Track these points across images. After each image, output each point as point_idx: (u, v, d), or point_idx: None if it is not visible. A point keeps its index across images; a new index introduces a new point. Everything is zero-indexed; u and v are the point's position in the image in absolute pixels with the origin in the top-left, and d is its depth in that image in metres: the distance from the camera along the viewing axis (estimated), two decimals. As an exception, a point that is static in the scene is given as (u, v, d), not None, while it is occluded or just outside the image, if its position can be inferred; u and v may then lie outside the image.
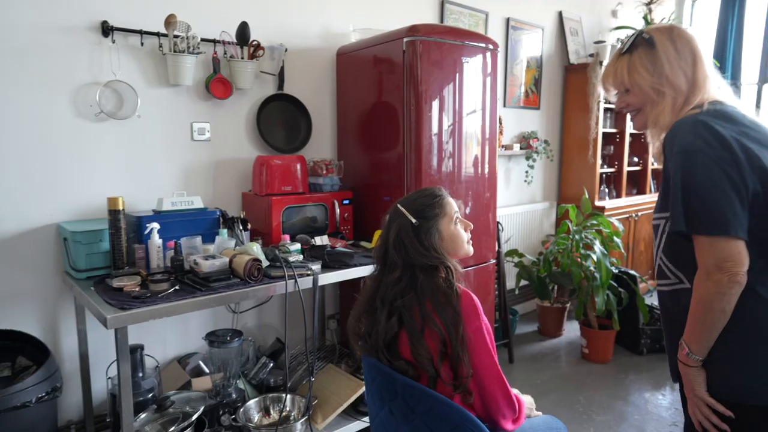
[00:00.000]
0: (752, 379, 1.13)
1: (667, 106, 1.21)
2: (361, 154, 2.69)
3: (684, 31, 1.25)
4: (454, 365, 1.24)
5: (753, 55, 5.11)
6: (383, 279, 1.37)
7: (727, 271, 1.07)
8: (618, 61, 1.28)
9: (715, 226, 1.07)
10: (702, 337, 1.14)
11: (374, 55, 2.54)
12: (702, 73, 1.21)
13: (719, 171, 1.07)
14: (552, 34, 4.05)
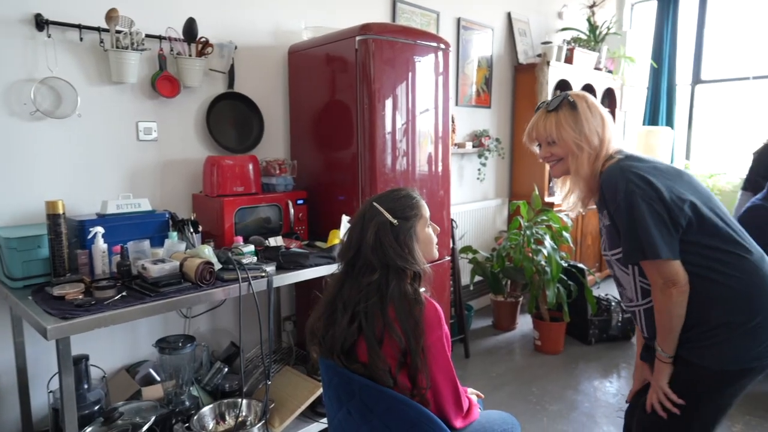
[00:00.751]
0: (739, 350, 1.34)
1: (585, 158, 1.44)
2: (315, 154, 2.66)
3: (594, 100, 1.51)
4: (412, 375, 1.25)
5: (687, 57, 5.40)
6: (348, 280, 1.33)
7: (674, 285, 1.32)
8: (547, 118, 1.48)
9: (656, 252, 1.30)
10: (669, 338, 1.38)
11: (327, 54, 2.52)
12: (608, 133, 1.46)
13: (650, 207, 1.31)
14: (501, 34, 4.15)
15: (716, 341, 1.34)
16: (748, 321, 1.32)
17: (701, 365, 1.36)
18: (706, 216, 1.33)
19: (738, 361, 1.34)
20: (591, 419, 2.57)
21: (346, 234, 1.40)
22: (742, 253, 1.34)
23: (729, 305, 1.33)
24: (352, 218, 1.41)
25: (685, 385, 1.39)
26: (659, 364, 1.42)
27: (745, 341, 1.32)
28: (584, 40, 4.63)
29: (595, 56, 4.56)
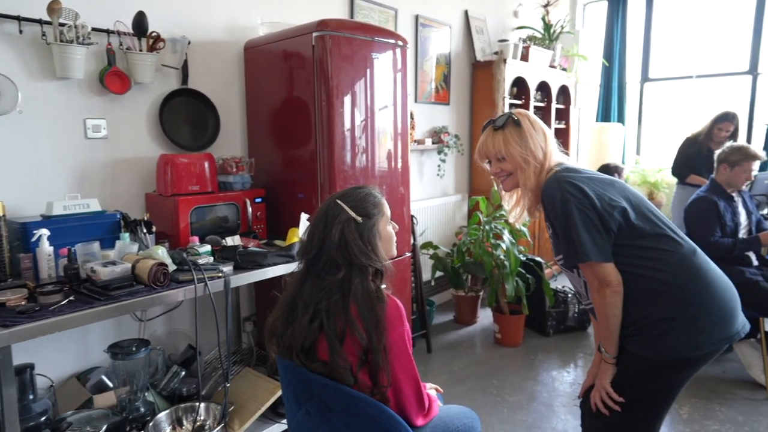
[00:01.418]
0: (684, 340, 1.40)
1: (531, 171, 1.52)
2: (274, 151, 2.62)
3: (535, 116, 1.59)
4: (373, 373, 1.24)
5: (636, 56, 5.60)
6: (309, 278, 1.32)
7: (607, 286, 1.41)
8: (495, 136, 1.56)
9: (587, 256, 1.39)
10: (609, 338, 1.46)
11: (284, 50, 2.48)
12: (550, 147, 1.55)
13: (582, 213, 1.39)
14: (459, 32, 4.19)
15: (656, 334, 1.40)
16: (683, 313, 1.38)
17: (644, 358, 1.42)
18: (635, 219, 1.42)
19: (678, 351, 1.40)
20: (549, 408, 2.64)
21: (307, 232, 1.39)
22: (672, 248, 1.42)
23: (664, 300, 1.40)
24: (314, 216, 1.39)
25: (630, 376, 1.46)
26: (603, 365, 1.50)
27: (683, 332, 1.38)
28: (539, 38, 4.73)
29: (550, 54, 4.67)
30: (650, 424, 1.50)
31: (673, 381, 1.46)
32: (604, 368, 1.50)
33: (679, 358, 1.41)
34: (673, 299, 1.39)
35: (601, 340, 1.50)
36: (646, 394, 1.46)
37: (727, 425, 2.45)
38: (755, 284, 2.76)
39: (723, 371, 2.99)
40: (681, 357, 1.41)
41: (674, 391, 1.49)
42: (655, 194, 5.21)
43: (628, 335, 1.45)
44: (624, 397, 1.46)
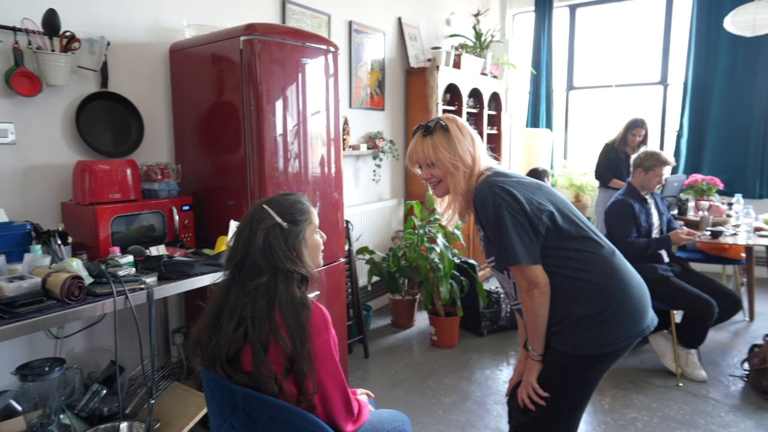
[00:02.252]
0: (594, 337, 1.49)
1: (461, 176, 1.54)
2: (202, 157, 2.55)
3: (463, 121, 1.62)
4: (298, 381, 1.23)
5: (562, 65, 5.89)
6: (234, 285, 1.29)
7: (535, 287, 1.47)
8: (424, 142, 1.58)
9: (517, 259, 1.44)
10: (537, 337, 1.53)
11: (212, 53, 2.42)
12: (478, 151, 1.58)
13: (513, 217, 1.44)
14: (393, 38, 4.24)
15: (579, 331, 1.48)
16: (605, 310, 1.47)
17: (567, 353, 1.50)
18: (561, 222, 1.49)
19: (598, 346, 1.48)
20: (483, 407, 2.71)
21: (233, 238, 1.36)
22: (594, 250, 1.50)
23: (587, 298, 1.48)
24: (240, 221, 1.37)
25: (554, 371, 1.53)
26: (530, 362, 1.56)
27: (603, 328, 1.47)
28: (471, 46, 4.88)
29: (481, 62, 4.82)
30: (573, 414, 1.59)
31: (593, 374, 1.55)
32: (531, 365, 1.56)
33: (600, 352, 1.49)
34: (596, 297, 1.47)
35: (529, 338, 1.56)
36: (569, 387, 1.54)
37: (643, 412, 2.61)
38: (666, 279, 2.97)
39: (640, 362, 3.19)
40: (601, 351, 1.49)
41: (594, 383, 1.58)
42: (581, 197, 5.49)
43: (554, 333, 1.51)
44: (549, 392, 1.53)
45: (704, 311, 2.82)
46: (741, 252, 3.75)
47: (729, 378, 2.94)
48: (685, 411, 2.62)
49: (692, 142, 5.10)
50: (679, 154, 5.19)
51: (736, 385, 2.86)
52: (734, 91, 4.83)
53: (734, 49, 4.75)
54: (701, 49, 4.94)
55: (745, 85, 4.78)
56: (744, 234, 3.29)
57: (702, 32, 4.91)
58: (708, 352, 3.24)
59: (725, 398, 2.73)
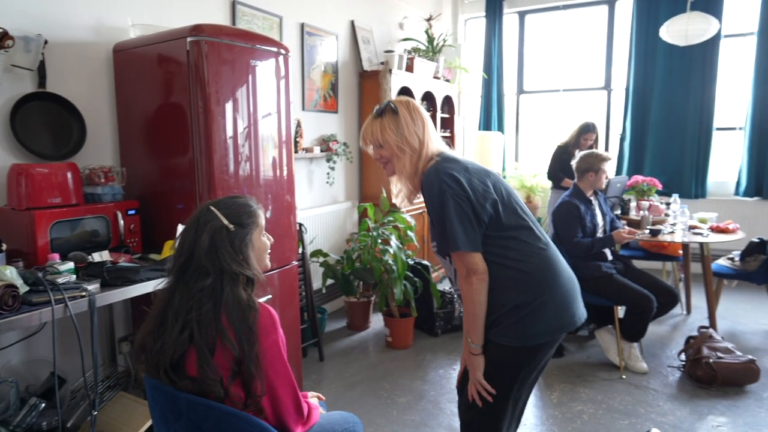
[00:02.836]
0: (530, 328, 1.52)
1: (407, 159, 1.57)
2: (149, 160, 2.48)
3: (416, 104, 1.64)
4: (246, 383, 1.22)
5: (513, 69, 6.06)
6: (179, 288, 1.27)
7: (474, 274, 1.48)
8: (373, 123, 1.62)
9: (462, 245, 1.47)
10: (475, 327, 1.53)
11: (158, 54, 2.36)
12: (428, 135, 1.60)
13: (457, 204, 1.47)
14: (346, 41, 4.26)
15: (513, 321, 1.51)
16: (536, 299, 1.51)
17: (504, 345, 1.53)
18: (504, 212, 1.52)
19: (533, 336, 1.52)
20: (436, 406, 2.75)
21: (178, 239, 1.34)
22: (531, 241, 1.55)
23: (522, 287, 1.52)
24: (186, 222, 1.34)
25: (493, 363, 1.56)
26: (473, 358, 1.56)
27: (536, 318, 1.51)
28: (423, 50, 4.95)
29: (434, 66, 4.90)
30: (517, 403, 1.64)
31: (531, 365, 1.58)
32: (474, 361, 1.57)
33: (533, 343, 1.53)
34: (529, 287, 1.51)
35: (467, 329, 1.56)
36: (506, 380, 1.57)
37: (589, 404, 2.72)
38: (610, 277, 3.10)
39: (587, 357, 3.31)
40: (535, 343, 1.53)
41: (534, 372, 1.62)
42: (532, 197, 5.66)
43: (491, 324, 1.53)
44: (494, 385, 1.56)
45: (644, 306, 2.97)
46: (679, 249, 3.96)
47: (668, 369, 3.10)
48: (627, 402, 2.74)
49: (634, 144, 5.34)
50: (622, 156, 5.42)
51: (674, 375, 3.02)
52: (671, 96, 5.10)
53: (670, 57, 5.02)
54: (640, 56, 5.19)
55: (681, 92, 5.05)
56: (680, 232, 3.48)
57: (641, 41, 5.16)
58: (649, 345, 3.40)
59: (664, 388, 2.88)
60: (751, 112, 4.82)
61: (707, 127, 5.00)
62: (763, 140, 4.79)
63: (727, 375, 2.79)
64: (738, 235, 3.50)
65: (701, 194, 5.08)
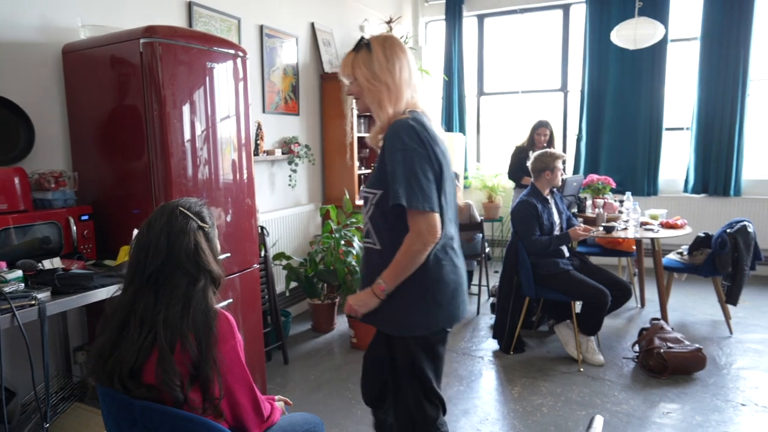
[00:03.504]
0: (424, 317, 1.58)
1: (376, 99, 1.56)
2: (103, 165, 2.42)
3: (396, 42, 1.60)
4: (204, 388, 1.22)
5: (473, 72, 6.17)
6: (145, 294, 1.24)
7: (433, 234, 1.50)
8: (347, 57, 1.62)
9: (428, 204, 1.48)
10: (398, 278, 1.53)
11: (111, 55, 2.30)
12: (403, 79, 1.57)
13: (425, 164, 1.49)
14: (306, 43, 4.25)
15: (414, 309, 1.56)
16: (429, 288, 1.56)
17: (407, 338, 1.59)
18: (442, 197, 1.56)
19: (429, 326, 1.58)
20: (401, 404, 2.78)
21: (138, 246, 1.29)
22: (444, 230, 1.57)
23: (422, 270, 1.54)
24: (145, 227, 1.31)
25: (402, 352, 1.61)
26: (372, 297, 1.54)
27: (427, 308, 1.57)
28: (385, 53, 4.98)
29: (395, 69, 4.93)
30: (435, 383, 1.66)
31: (436, 353, 1.63)
32: (372, 299, 1.55)
33: (427, 332, 1.59)
34: (427, 272, 1.55)
35: (390, 273, 1.52)
36: (413, 367, 1.61)
37: (549, 397, 2.80)
38: (567, 273, 3.20)
39: (547, 351, 3.41)
40: (427, 332, 1.59)
41: (438, 363, 1.66)
42: (494, 197, 5.77)
43: (390, 308, 1.55)
44: (406, 377, 1.61)
45: (599, 300, 3.08)
46: (632, 245, 4.12)
47: (623, 360, 3.22)
48: (585, 393, 2.83)
49: (590, 144, 5.52)
50: (579, 155, 5.59)
51: (628, 366, 3.14)
52: (624, 98, 5.30)
53: (622, 60, 5.21)
54: (594, 59, 5.37)
55: (632, 93, 5.25)
56: (632, 228, 3.62)
57: (594, 44, 5.34)
58: (606, 338, 3.53)
59: (619, 379, 2.99)
60: (697, 112, 5.06)
61: (657, 127, 5.21)
62: (707, 140, 5.03)
63: (677, 364, 2.92)
64: (686, 230, 3.67)
65: (653, 192, 5.29)
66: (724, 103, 4.90)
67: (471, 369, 3.18)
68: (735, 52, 4.81)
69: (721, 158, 4.97)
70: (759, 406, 2.65)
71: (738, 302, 3.57)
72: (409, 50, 1.64)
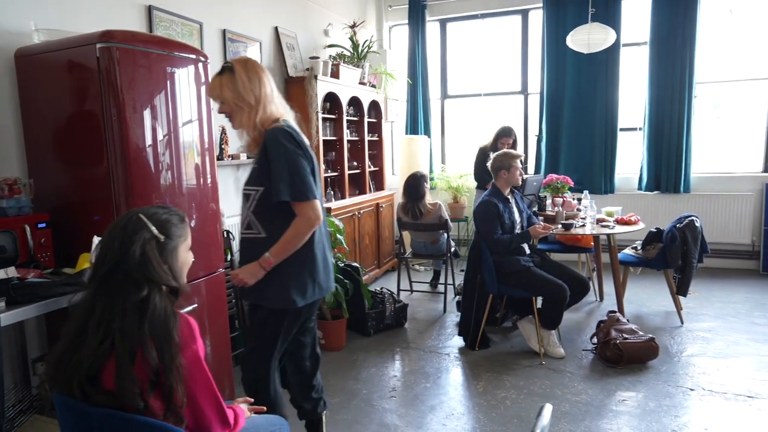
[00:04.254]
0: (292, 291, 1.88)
1: (245, 115, 1.83)
2: (61, 171, 2.38)
3: (255, 64, 1.87)
4: (166, 394, 1.22)
5: (437, 75, 6.27)
6: (101, 298, 1.23)
7: (318, 218, 1.83)
8: (214, 80, 1.85)
9: (311, 194, 1.80)
10: (284, 255, 1.82)
11: (68, 60, 2.27)
12: (265, 95, 1.83)
13: (303, 162, 1.79)
14: (270, 47, 4.25)
15: (295, 284, 1.87)
16: (302, 267, 1.88)
17: (270, 308, 1.90)
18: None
19: (306, 298, 1.89)
20: (369, 404, 2.82)
21: (99, 247, 1.30)
22: None
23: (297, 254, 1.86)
24: (108, 230, 1.31)
25: (273, 323, 1.93)
26: (260, 269, 1.82)
27: (308, 282, 1.90)
28: (349, 56, 5.03)
29: (360, 72, 4.99)
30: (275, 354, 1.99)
31: (285, 326, 1.95)
32: (259, 271, 1.83)
33: (289, 307, 1.88)
34: (301, 256, 1.87)
35: (278, 251, 1.81)
36: (271, 333, 1.95)
37: (512, 390, 2.89)
38: (528, 269, 3.31)
39: (511, 346, 3.51)
40: (290, 307, 1.88)
41: (288, 334, 1.98)
42: (459, 198, 5.87)
43: (269, 283, 1.85)
44: (262, 334, 1.96)
45: (558, 295, 3.19)
46: (591, 241, 4.27)
47: (582, 352, 3.34)
48: (546, 386, 2.93)
49: (550, 145, 5.69)
50: (540, 156, 5.76)
51: (587, 358, 3.26)
52: (580, 100, 5.48)
53: (578, 63, 5.39)
54: (552, 62, 5.54)
55: (589, 95, 5.44)
56: (589, 225, 3.77)
57: (552, 48, 5.51)
58: (566, 332, 3.65)
59: (578, 370, 3.11)
60: (648, 114, 5.28)
61: (612, 127, 5.42)
62: (659, 140, 5.26)
63: (632, 353, 3.06)
64: (640, 226, 3.84)
65: (610, 190, 5.49)
66: (672, 104, 5.14)
67: (437, 366, 3.25)
68: (681, 56, 5.05)
69: (672, 157, 5.21)
70: (705, 390, 2.80)
71: (688, 293, 3.76)
72: (267, 69, 1.92)
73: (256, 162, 1.85)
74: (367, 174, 5.22)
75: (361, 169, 5.16)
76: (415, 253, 4.65)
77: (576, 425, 2.51)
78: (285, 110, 1.90)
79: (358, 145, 5.18)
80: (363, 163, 5.16)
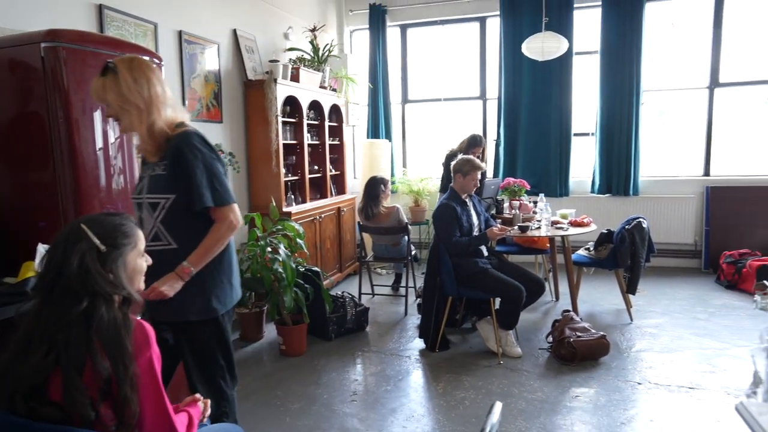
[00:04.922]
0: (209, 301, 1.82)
1: (135, 118, 1.69)
2: (4, 176, 2.29)
3: (142, 63, 1.72)
4: (119, 406, 1.18)
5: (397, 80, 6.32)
6: (45, 308, 1.19)
7: (239, 221, 1.80)
8: (96, 82, 1.69)
9: (230, 198, 1.78)
10: (204, 262, 1.74)
11: (10, 59, 2.20)
12: (156, 96, 1.70)
13: (218, 165, 1.77)
14: (228, 50, 4.20)
15: (216, 292, 1.83)
16: (222, 271, 1.85)
17: (212, 319, 1.84)
18: None
19: (226, 305, 1.87)
20: (329, 408, 2.81)
21: (44, 257, 1.25)
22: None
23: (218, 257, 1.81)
24: (55, 239, 1.26)
25: (203, 337, 1.86)
26: (178, 280, 1.71)
27: (227, 288, 1.87)
28: (309, 60, 5.02)
29: (320, 76, 4.98)
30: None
31: (226, 328, 1.92)
32: (177, 281, 1.71)
33: (224, 311, 1.86)
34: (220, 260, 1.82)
35: (196, 258, 1.73)
36: (222, 343, 1.90)
37: (471, 391, 2.94)
38: (485, 271, 3.37)
39: (469, 347, 3.57)
40: (224, 311, 1.86)
41: (228, 339, 1.93)
42: (420, 201, 5.93)
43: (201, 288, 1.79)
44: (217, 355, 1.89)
45: (515, 296, 3.27)
46: (547, 243, 4.40)
47: (538, 351, 3.43)
48: (504, 385, 3.00)
49: (508, 149, 5.83)
50: (498, 160, 5.89)
51: (543, 357, 3.35)
52: (536, 105, 5.64)
53: (533, 70, 5.55)
54: (509, 69, 5.68)
55: (544, 101, 5.61)
56: (544, 227, 3.88)
57: (509, 55, 5.65)
58: (523, 331, 3.74)
59: (535, 369, 3.19)
60: (600, 119, 5.49)
61: (567, 132, 5.60)
62: (609, 144, 5.47)
63: (585, 351, 3.16)
64: (592, 227, 3.98)
65: (565, 193, 5.66)
66: (622, 111, 5.36)
67: (398, 369, 3.27)
68: (629, 65, 5.28)
69: (621, 161, 5.42)
70: (652, 384, 2.93)
71: (637, 291, 3.92)
72: (157, 69, 1.77)
73: (162, 168, 1.74)
74: (328, 178, 5.21)
75: (322, 173, 5.15)
76: (377, 257, 4.67)
77: (531, 422, 2.58)
78: (182, 112, 1.81)
79: (319, 148, 5.17)
80: (324, 167, 5.15)
